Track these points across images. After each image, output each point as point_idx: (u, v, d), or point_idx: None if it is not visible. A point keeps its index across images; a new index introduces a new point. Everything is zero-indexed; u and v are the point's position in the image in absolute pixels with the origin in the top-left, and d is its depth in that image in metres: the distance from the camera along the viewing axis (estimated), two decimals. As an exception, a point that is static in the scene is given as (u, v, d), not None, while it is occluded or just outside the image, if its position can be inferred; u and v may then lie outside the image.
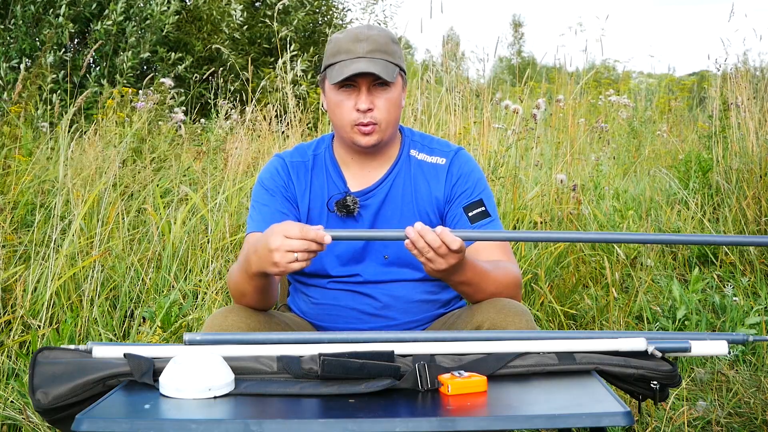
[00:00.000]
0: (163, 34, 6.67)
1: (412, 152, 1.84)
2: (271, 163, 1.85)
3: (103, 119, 4.31)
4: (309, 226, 1.44)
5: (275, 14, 4.86)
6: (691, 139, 6.39)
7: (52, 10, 6.06)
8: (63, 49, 5.98)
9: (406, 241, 1.49)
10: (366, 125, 1.71)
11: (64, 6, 5.96)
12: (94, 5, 6.39)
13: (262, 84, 4.86)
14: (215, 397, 1.20)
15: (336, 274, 1.79)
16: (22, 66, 5.41)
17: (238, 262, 1.68)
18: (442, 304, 1.82)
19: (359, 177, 1.82)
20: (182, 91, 6.39)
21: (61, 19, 5.94)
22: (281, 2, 5.16)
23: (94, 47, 4.78)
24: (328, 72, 1.73)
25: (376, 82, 1.70)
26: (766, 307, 3.25)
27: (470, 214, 1.78)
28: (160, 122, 4.54)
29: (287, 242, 1.43)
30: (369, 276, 1.78)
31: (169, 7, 6.61)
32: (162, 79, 4.78)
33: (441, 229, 1.48)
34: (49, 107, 4.55)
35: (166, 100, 4.60)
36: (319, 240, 1.44)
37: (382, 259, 1.78)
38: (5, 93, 5.18)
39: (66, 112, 3.88)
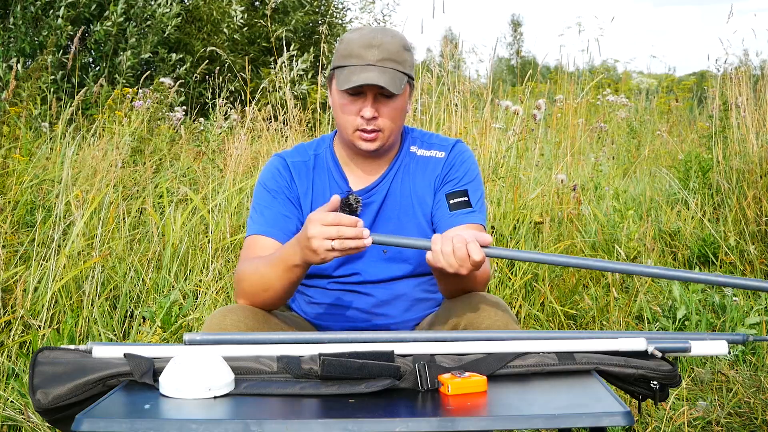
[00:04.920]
0: (164, 35, 6.67)
1: (412, 148, 1.85)
2: (271, 164, 1.84)
3: (102, 119, 4.31)
4: (342, 215, 1.46)
5: (269, 14, 4.85)
6: (690, 139, 6.39)
7: (51, 11, 6.05)
8: (62, 51, 5.98)
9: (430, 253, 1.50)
10: (369, 132, 1.71)
11: (62, 8, 5.96)
12: (94, 6, 6.38)
13: (262, 86, 4.86)
14: (215, 397, 1.20)
15: (336, 274, 1.79)
16: (19, 65, 5.40)
17: (249, 260, 1.68)
18: (438, 303, 1.83)
19: (361, 175, 1.82)
20: (182, 90, 6.39)
21: (60, 21, 5.94)
22: (274, 1, 5.15)
23: (81, 47, 4.74)
24: (337, 73, 1.72)
25: (382, 91, 1.70)
26: (766, 307, 3.25)
27: (451, 202, 1.77)
28: (159, 122, 4.54)
29: (324, 230, 1.45)
30: (368, 275, 1.78)
31: (171, 9, 6.61)
32: (162, 79, 4.78)
33: (474, 239, 1.48)
34: (47, 107, 4.55)
35: (165, 99, 4.59)
36: (353, 226, 1.45)
37: (381, 254, 1.78)
38: (4, 93, 5.17)
39: (65, 113, 3.88)
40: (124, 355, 1.29)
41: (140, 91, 4.65)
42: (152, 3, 6.63)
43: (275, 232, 1.74)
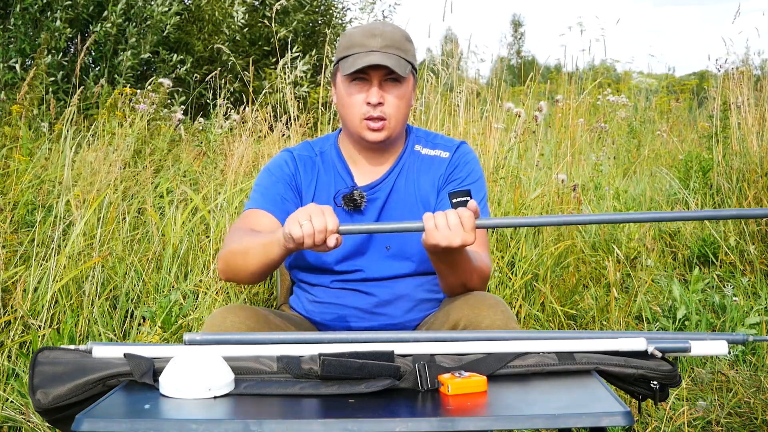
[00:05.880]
0: (164, 34, 6.67)
1: (417, 147, 1.86)
2: (279, 156, 1.87)
3: (102, 120, 4.31)
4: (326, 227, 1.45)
5: (273, 15, 4.86)
6: (690, 139, 6.39)
7: (50, 12, 6.05)
8: (61, 53, 5.97)
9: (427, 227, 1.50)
10: (375, 120, 1.72)
11: (60, 10, 5.95)
12: (93, 7, 6.38)
13: (265, 90, 4.86)
14: (215, 397, 1.20)
15: (338, 270, 1.79)
16: (17, 66, 5.40)
17: (246, 233, 1.68)
18: (439, 302, 1.82)
19: (366, 172, 1.84)
20: (181, 90, 6.38)
21: (58, 23, 5.94)
22: (279, 3, 5.16)
23: (84, 49, 4.75)
24: (341, 64, 1.74)
25: (388, 77, 1.72)
26: (766, 307, 3.25)
27: (454, 200, 1.78)
28: (159, 122, 4.54)
29: (305, 209, 1.46)
30: (371, 273, 1.78)
31: (170, 8, 6.60)
32: (161, 80, 4.78)
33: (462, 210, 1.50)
34: (45, 108, 4.55)
35: (165, 101, 4.59)
36: (329, 230, 1.44)
37: (384, 251, 1.78)
38: (3, 93, 5.17)
39: (66, 112, 3.88)
40: (124, 355, 1.29)
41: (140, 92, 4.64)
42: (152, 2, 6.63)
43: (273, 210, 1.76)
